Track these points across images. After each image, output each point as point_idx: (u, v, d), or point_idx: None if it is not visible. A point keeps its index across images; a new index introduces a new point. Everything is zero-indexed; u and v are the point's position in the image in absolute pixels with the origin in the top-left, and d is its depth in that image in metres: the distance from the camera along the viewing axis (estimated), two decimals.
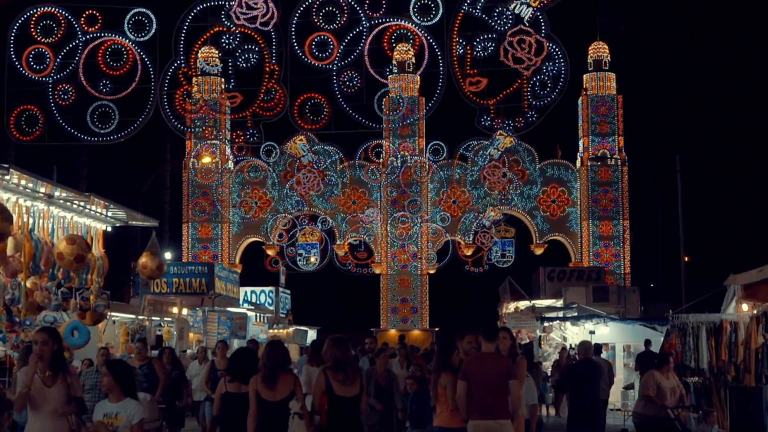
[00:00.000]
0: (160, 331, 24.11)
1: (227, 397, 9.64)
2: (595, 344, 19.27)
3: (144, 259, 18.81)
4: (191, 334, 25.69)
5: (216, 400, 9.88)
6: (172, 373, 14.36)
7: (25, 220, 16.93)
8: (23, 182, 16.58)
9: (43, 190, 17.43)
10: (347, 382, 9.17)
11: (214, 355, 17.04)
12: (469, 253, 40.18)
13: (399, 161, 40.14)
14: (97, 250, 19.97)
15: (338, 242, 40.58)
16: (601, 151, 40.63)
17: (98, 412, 8.12)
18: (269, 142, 38.88)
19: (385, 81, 33.75)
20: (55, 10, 30.62)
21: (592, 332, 22.96)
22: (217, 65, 36.46)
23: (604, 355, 22.85)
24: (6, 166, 15.85)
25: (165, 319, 25.20)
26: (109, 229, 21.94)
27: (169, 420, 14.25)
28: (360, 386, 9.31)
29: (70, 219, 19.38)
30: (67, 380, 8.18)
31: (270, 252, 40.38)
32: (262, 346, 25.90)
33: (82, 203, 19.17)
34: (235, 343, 24.03)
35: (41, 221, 18.15)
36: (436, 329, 40.76)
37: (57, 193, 18.08)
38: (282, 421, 9.00)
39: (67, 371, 8.30)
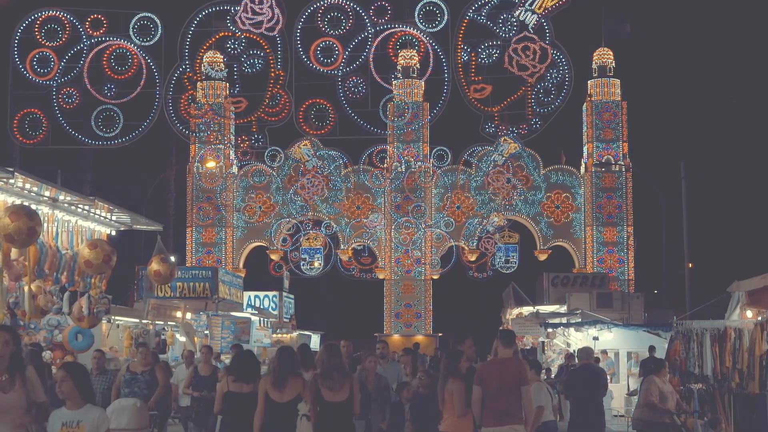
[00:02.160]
0: (163, 335, 24.10)
1: (229, 395, 9.87)
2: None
3: (156, 267, 18.64)
4: (196, 339, 25.71)
5: (218, 398, 10.07)
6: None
7: None
8: (28, 186, 16.59)
9: (47, 193, 17.44)
10: (335, 388, 9.42)
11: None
12: (473, 258, 40.13)
13: (403, 166, 40.14)
14: None
15: (342, 247, 40.56)
16: (605, 157, 40.58)
17: (55, 421, 7.34)
18: (274, 147, 38.88)
19: (389, 87, 33.80)
20: (59, 13, 30.66)
21: (595, 338, 22.92)
22: (222, 70, 36.53)
23: (603, 361, 22.81)
24: (11, 169, 15.85)
25: (169, 323, 25.20)
26: (113, 233, 21.96)
27: (159, 427, 14.23)
28: (350, 391, 9.50)
29: (74, 223, 19.37)
30: (27, 385, 7.53)
31: (274, 257, 40.36)
32: (260, 350, 25.91)
33: (86, 207, 19.17)
34: None
35: (45, 225, 18.14)
36: (440, 335, 40.72)
37: (61, 197, 18.09)
38: (289, 421, 9.25)
39: (26, 375, 7.60)
